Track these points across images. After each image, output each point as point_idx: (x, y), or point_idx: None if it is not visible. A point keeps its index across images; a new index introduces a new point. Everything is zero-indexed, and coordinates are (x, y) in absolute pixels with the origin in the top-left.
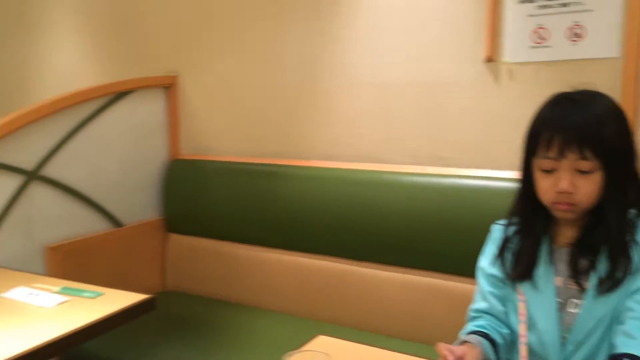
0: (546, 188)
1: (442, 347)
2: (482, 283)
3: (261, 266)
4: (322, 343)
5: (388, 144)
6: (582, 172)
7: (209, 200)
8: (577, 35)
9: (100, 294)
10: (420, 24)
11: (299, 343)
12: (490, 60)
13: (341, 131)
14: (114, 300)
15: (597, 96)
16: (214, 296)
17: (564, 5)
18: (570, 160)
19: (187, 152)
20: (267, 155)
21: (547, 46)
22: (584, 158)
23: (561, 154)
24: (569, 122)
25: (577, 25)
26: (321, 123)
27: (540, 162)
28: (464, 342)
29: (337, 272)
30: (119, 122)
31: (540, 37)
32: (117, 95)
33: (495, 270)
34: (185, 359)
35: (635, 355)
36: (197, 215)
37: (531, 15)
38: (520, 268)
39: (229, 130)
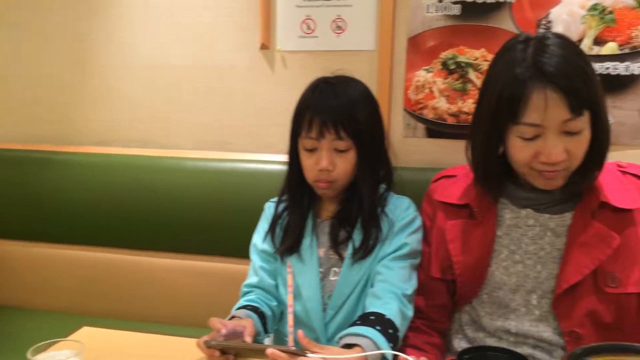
0: (309, 166)
1: (215, 321)
2: (255, 259)
3: (29, 263)
4: (86, 334)
5: (170, 129)
6: (339, 151)
7: None
8: (339, 27)
9: None
10: (197, 6)
11: None
12: (265, 47)
13: (120, 115)
14: None
15: (351, 82)
16: None
17: None
18: (329, 140)
19: None
20: (33, 140)
21: (314, 36)
22: (340, 138)
23: (321, 134)
24: (327, 105)
25: (340, 18)
26: (97, 106)
27: (303, 142)
28: (234, 317)
29: (119, 263)
30: None
31: (308, 28)
32: None
33: (266, 246)
34: None
35: (381, 313)
36: None
37: (299, 6)
38: (288, 242)
39: None
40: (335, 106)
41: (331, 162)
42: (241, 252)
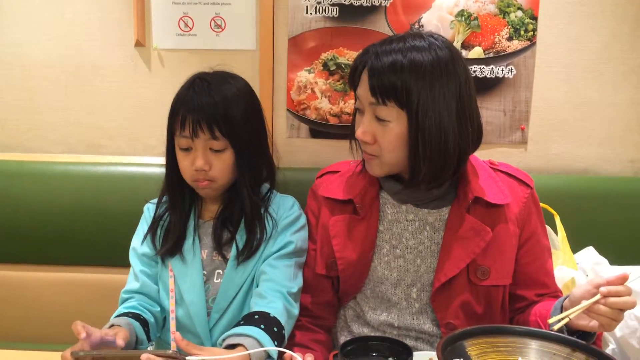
0: (186, 166)
1: (78, 324)
2: (134, 263)
3: None
4: None
5: (35, 131)
6: (215, 151)
7: None
8: (218, 26)
9: None
10: (63, 0)
11: None
12: (140, 44)
13: None
14: None
15: (229, 78)
16: None
17: None
18: (203, 139)
19: None
20: None
21: (193, 34)
22: (214, 138)
23: (194, 134)
24: (200, 103)
25: (218, 16)
26: None
27: (178, 141)
28: (112, 325)
29: None
30: None
31: (186, 25)
32: None
33: (146, 248)
34: None
35: (265, 312)
36: None
37: (176, 3)
38: (169, 243)
39: None
40: (209, 104)
41: (207, 162)
42: (120, 260)
